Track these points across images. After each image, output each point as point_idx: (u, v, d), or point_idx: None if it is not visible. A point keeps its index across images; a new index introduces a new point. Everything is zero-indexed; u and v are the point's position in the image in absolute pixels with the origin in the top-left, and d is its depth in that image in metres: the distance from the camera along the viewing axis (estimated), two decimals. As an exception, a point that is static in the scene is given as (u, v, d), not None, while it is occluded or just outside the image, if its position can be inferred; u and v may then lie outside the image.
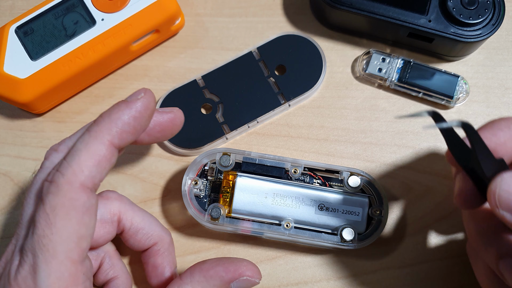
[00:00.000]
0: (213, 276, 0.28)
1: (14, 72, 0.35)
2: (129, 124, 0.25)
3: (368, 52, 0.38)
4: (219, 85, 0.37)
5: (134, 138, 0.26)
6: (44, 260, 0.23)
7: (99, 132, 0.24)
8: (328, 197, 0.32)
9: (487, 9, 0.35)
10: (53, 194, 0.23)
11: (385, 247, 0.35)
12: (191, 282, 0.28)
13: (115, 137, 0.25)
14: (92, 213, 0.24)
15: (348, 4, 0.36)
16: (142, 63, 0.39)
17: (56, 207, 0.23)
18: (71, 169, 0.24)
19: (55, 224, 0.23)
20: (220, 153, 0.33)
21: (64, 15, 0.36)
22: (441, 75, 0.37)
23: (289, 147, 0.37)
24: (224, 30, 0.40)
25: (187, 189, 0.33)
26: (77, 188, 0.24)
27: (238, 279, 0.28)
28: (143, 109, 0.26)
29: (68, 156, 0.24)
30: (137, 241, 0.31)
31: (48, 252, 0.23)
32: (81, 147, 0.24)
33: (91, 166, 0.24)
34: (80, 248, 0.24)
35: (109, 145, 0.25)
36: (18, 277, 0.23)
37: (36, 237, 0.23)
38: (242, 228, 0.32)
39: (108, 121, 0.25)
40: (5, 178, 0.37)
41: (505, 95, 0.38)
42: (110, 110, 0.25)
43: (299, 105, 0.38)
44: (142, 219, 0.31)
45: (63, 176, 0.23)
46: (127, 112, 0.25)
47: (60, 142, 0.26)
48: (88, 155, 0.24)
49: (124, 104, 0.25)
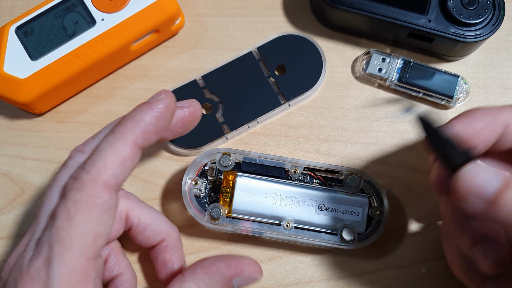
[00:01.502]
0: (215, 273, 0.28)
1: (14, 72, 0.35)
2: (152, 124, 0.26)
3: (368, 52, 0.38)
4: (219, 85, 0.37)
5: (156, 138, 0.27)
6: (59, 253, 0.23)
7: (123, 133, 0.25)
8: (328, 197, 0.32)
9: (487, 9, 0.35)
10: (77, 190, 0.24)
11: (385, 247, 0.35)
12: (193, 279, 0.28)
13: (139, 138, 0.25)
14: (111, 212, 0.25)
15: (348, 4, 0.36)
16: (142, 63, 0.39)
17: (78, 203, 0.24)
18: (96, 167, 0.24)
19: (75, 219, 0.23)
20: (220, 153, 0.33)
21: (64, 15, 0.36)
22: (441, 75, 0.37)
23: (289, 147, 0.37)
24: (224, 30, 0.40)
25: (187, 189, 0.33)
26: (100, 186, 0.24)
27: (240, 276, 0.28)
28: (165, 109, 0.26)
29: (93, 155, 0.25)
30: (145, 238, 0.32)
31: (64, 245, 0.23)
32: (105, 147, 0.25)
33: (115, 165, 0.25)
34: (95, 245, 0.24)
35: (133, 146, 0.25)
36: (31, 269, 0.23)
37: (54, 229, 0.24)
38: (242, 228, 0.32)
39: (132, 122, 0.26)
40: (5, 178, 0.37)
41: (505, 95, 0.38)
42: (133, 111, 0.26)
43: (299, 105, 0.38)
44: (150, 216, 0.32)
45: (87, 173, 0.24)
46: (150, 113, 0.26)
47: (84, 143, 0.27)
48: (113, 155, 0.25)
49: (146, 105, 0.26)
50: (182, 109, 0.29)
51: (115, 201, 0.25)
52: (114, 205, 0.25)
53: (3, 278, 0.25)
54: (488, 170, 0.22)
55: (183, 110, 0.29)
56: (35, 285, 0.23)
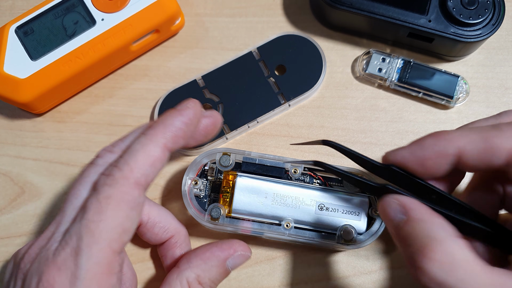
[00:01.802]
0: (210, 257, 0.30)
1: (14, 72, 0.35)
2: (181, 129, 0.27)
3: (368, 52, 0.38)
4: (219, 85, 0.37)
5: (184, 142, 0.28)
6: (88, 244, 0.24)
7: (154, 136, 0.26)
8: (328, 197, 0.32)
9: (487, 9, 0.35)
10: (108, 186, 0.25)
11: (385, 247, 0.35)
12: (190, 268, 0.30)
13: (169, 141, 0.27)
14: (139, 210, 0.26)
15: (348, 4, 0.36)
16: (142, 63, 0.39)
17: (110, 198, 0.24)
18: (129, 166, 0.25)
19: (105, 213, 0.24)
20: (220, 153, 0.33)
21: (64, 15, 0.36)
22: (441, 75, 0.37)
23: (289, 147, 0.37)
24: (224, 30, 0.40)
25: (187, 189, 0.33)
26: (131, 183, 0.25)
27: (233, 255, 0.30)
28: (193, 116, 0.28)
29: (126, 155, 0.26)
30: (154, 235, 0.32)
31: (93, 237, 0.24)
32: (138, 147, 0.26)
33: (146, 165, 0.26)
34: (121, 240, 0.25)
35: (163, 148, 0.26)
36: (58, 259, 0.24)
37: (84, 221, 0.24)
38: (242, 228, 0.32)
39: (163, 126, 0.27)
40: (5, 178, 0.37)
41: (505, 95, 0.38)
42: (164, 116, 0.28)
43: (299, 105, 0.38)
44: (158, 213, 0.33)
45: (120, 171, 0.25)
46: (180, 118, 0.27)
47: (113, 144, 0.28)
48: (145, 155, 0.26)
49: (176, 111, 0.28)
50: (205, 118, 0.31)
51: (143, 200, 0.26)
52: (142, 204, 0.26)
53: (23, 269, 0.25)
54: (395, 205, 0.25)
55: (206, 120, 0.31)
56: (62, 274, 0.24)
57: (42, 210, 0.36)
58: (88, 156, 0.37)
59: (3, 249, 0.36)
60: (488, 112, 0.37)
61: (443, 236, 0.23)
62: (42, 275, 0.24)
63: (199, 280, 0.30)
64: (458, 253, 0.22)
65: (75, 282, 0.23)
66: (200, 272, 0.30)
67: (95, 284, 0.24)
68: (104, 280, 0.24)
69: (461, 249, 0.22)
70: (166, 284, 0.30)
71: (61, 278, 0.24)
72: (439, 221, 0.24)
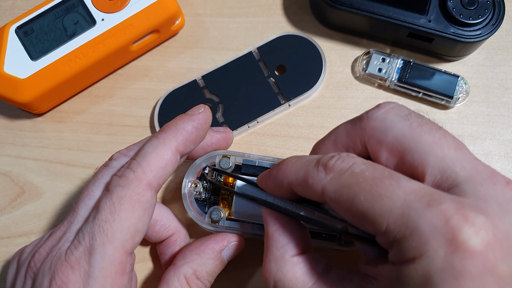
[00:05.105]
0: (205, 250, 0.30)
1: (14, 72, 0.35)
2: (192, 133, 0.28)
3: (368, 52, 0.38)
4: (219, 85, 0.37)
5: (194, 146, 0.29)
6: (101, 243, 0.24)
7: (166, 139, 0.27)
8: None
9: (487, 9, 0.35)
10: (122, 187, 0.25)
11: (384, 247, 0.35)
12: (186, 264, 0.30)
13: (180, 144, 0.27)
14: (151, 211, 0.26)
15: (348, 4, 0.36)
16: (142, 63, 0.39)
17: (123, 198, 0.25)
18: (141, 168, 0.26)
19: (119, 213, 0.25)
20: (219, 155, 0.33)
21: (64, 15, 0.36)
22: (441, 75, 0.37)
23: (289, 147, 0.37)
24: (224, 30, 0.40)
25: (187, 192, 0.33)
26: (144, 185, 0.26)
27: (228, 246, 0.31)
28: (204, 121, 0.29)
29: (138, 157, 0.26)
30: (155, 232, 0.33)
31: (107, 237, 0.24)
32: (150, 150, 0.27)
33: (158, 167, 0.26)
34: (134, 240, 0.25)
35: (175, 151, 0.27)
36: (71, 258, 0.24)
37: (97, 221, 0.25)
38: (242, 230, 0.32)
39: (175, 130, 0.28)
40: (5, 178, 0.37)
41: (505, 95, 0.38)
42: (176, 120, 0.28)
43: (299, 105, 0.38)
44: (160, 211, 0.33)
45: (133, 172, 0.26)
46: (191, 123, 0.28)
47: (128, 148, 0.28)
48: (157, 158, 0.26)
49: (188, 116, 0.29)
50: (217, 133, 0.32)
51: (155, 201, 0.27)
52: (153, 205, 0.26)
53: (33, 268, 0.25)
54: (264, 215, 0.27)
55: (218, 135, 0.32)
56: (76, 273, 0.24)
57: (42, 210, 0.36)
58: (88, 156, 0.37)
59: (3, 249, 0.36)
60: (488, 112, 0.37)
61: (279, 255, 0.25)
62: (55, 274, 0.24)
63: (196, 275, 0.30)
64: (290, 270, 0.24)
65: (89, 280, 0.24)
66: (196, 267, 0.30)
67: (108, 283, 0.24)
68: (118, 279, 0.25)
69: (293, 267, 0.24)
70: (164, 282, 0.30)
71: (75, 277, 0.24)
72: (283, 240, 0.25)
